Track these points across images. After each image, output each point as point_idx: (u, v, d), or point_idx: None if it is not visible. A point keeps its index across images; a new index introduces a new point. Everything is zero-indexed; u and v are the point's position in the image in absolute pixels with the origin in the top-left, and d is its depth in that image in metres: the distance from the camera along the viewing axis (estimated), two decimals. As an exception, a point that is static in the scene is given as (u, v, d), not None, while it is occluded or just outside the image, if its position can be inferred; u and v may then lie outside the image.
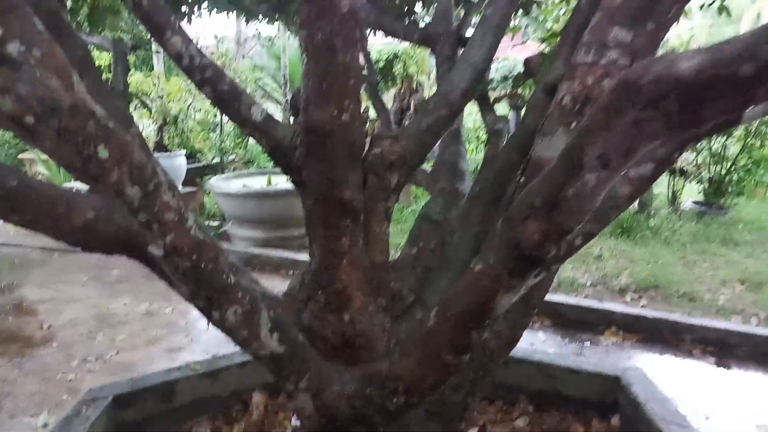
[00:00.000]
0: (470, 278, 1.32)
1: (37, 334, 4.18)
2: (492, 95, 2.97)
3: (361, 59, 1.68)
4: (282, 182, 7.05)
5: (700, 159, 7.39)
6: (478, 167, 2.39)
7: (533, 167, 1.71)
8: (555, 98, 1.75)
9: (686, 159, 7.64)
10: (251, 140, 11.28)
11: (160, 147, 8.67)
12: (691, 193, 7.86)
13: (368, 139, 1.93)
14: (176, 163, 8.34)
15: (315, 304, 1.86)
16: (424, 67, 9.83)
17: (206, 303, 1.36)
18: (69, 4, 3.53)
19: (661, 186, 8.14)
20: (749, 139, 7.01)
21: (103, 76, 1.98)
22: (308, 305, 1.87)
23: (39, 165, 8.60)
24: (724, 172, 7.15)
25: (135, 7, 1.63)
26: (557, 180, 1.10)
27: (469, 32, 3.20)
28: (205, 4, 3.98)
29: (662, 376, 3.45)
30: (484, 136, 7.73)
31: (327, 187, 1.76)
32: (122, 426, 2.69)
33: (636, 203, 7.14)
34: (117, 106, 1.78)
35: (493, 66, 15.78)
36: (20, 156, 9.10)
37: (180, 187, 6.81)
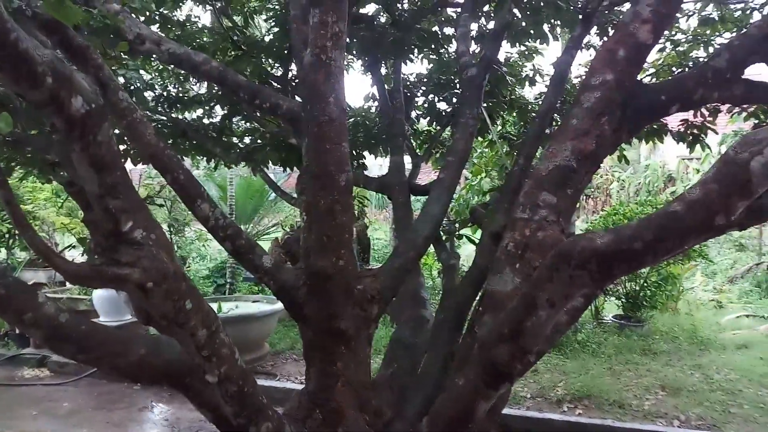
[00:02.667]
0: (454, 391, 1.72)
1: (-8, 475, 4.10)
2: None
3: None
4: (231, 309, 7.25)
5: (615, 276, 8.17)
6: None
7: (487, 298, 2.18)
8: (501, 245, 2.26)
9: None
10: (192, 267, 11.47)
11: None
12: (612, 308, 8.58)
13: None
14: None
15: (312, 422, 2.18)
16: (363, 198, 10.54)
17: (246, 421, 1.68)
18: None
19: (584, 301, 8.84)
20: (655, 258, 7.88)
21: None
22: (306, 423, 2.19)
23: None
24: (638, 288, 7.93)
25: (173, 180, 2.04)
26: (519, 315, 1.55)
27: (418, 181, 3.78)
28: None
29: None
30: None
31: (326, 319, 2.16)
32: None
33: (564, 319, 7.75)
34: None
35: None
36: None
37: (129, 315, 6.88)
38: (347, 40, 3.07)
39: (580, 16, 2.80)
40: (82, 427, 4.93)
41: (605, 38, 3.60)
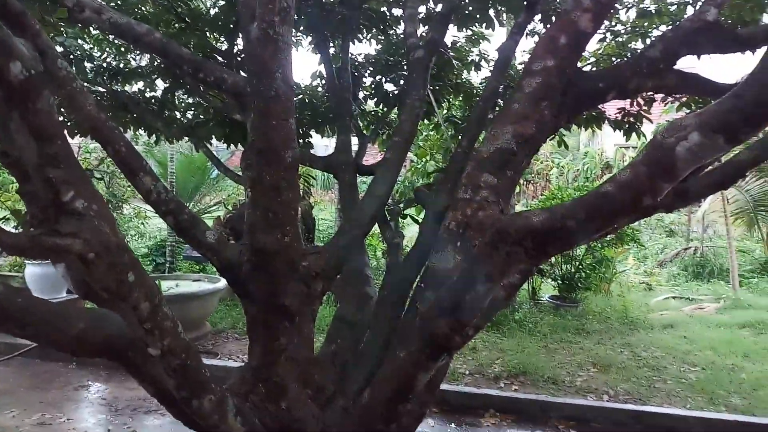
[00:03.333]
0: (395, 364, 1.77)
1: None
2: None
3: (301, 197, 2.15)
4: (171, 287, 7.13)
5: (553, 259, 8.46)
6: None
7: (429, 275, 2.24)
8: (443, 223, 2.32)
9: (542, 258, 8.71)
10: (131, 245, 11.17)
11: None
12: (548, 289, 8.88)
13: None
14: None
15: (255, 396, 2.19)
16: (309, 176, 10.49)
17: (189, 393, 1.69)
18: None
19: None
20: (593, 243, 8.19)
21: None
22: (249, 398, 2.20)
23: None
24: (573, 270, 8.24)
25: (115, 153, 2.00)
26: (458, 290, 1.61)
27: (364, 161, 3.80)
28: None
29: (535, 451, 3.99)
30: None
31: (270, 296, 2.17)
32: None
33: (503, 299, 7.98)
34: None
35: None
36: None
37: (64, 293, 6.68)
38: (295, 16, 3.05)
39: (525, 3, 2.87)
40: (14, 408, 4.78)
41: (548, 25, 3.70)
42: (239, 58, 3.58)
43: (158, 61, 4.02)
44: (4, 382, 5.47)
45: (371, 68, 4.37)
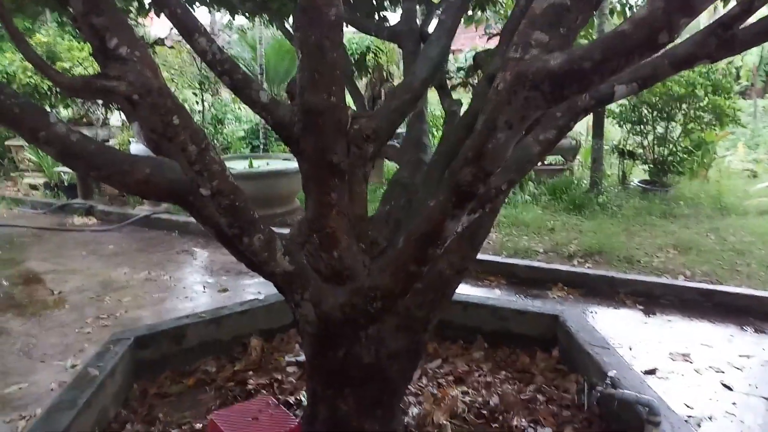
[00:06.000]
0: (426, 211, 1.87)
1: (49, 299, 4.62)
2: (450, 83, 3.52)
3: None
4: (262, 166, 7.53)
5: (646, 142, 8.09)
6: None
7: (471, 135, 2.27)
8: (492, 85, 2.31)
9: (636, 141, 8.35)
10: (227, 129, 11.72)
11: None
12: (640, 174, 8.57)
13: (349, 118, 2.47)
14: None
15: (311, 245, 2.39)
16: (393, 58, 10.38)
17: (239, 231, 1.89)
18: None
19: (614, 167, 8.85)
20: (690, 125, 7.72)
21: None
22: (305, 246, 2.40)
23: (26, 151, 8.93)
24: (667, 153, 7.86)
25: (171, 14, 2.12)
26: (481, 139, 1.66)
27: (430, 29, 3.75)
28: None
29: (599, 321, 4.07)
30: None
31: (319, 153, 2.30)
32: (142, 362, 3.19)
33: (588, 182, 7.82)
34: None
35: (461, 56, 16.32)
36: (6, 143, 9.42)
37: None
38: None
39: None
40: (125, 266, 5.43)
41: None
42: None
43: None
44: (117, 245, 6.17)
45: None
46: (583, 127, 9.98)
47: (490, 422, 2.71)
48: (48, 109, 1.72)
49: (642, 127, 8.03)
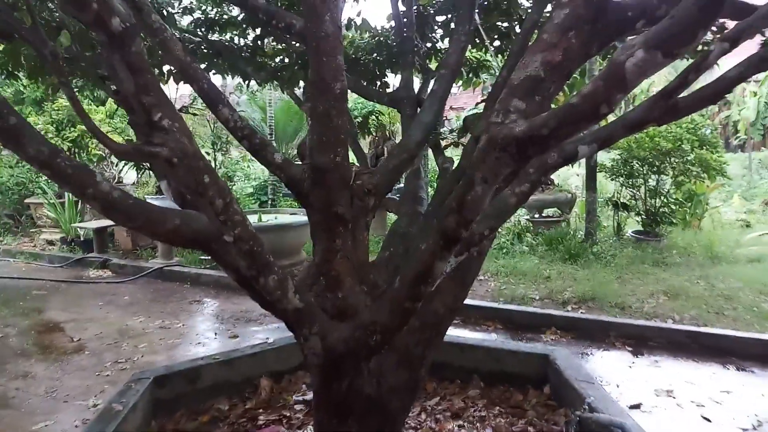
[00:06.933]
0: (419, 254, 2.17)
1: (69, 345, 4.88)
2: (444, 143, 3.87)
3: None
4: (271, 220, 7.87)
5: (639, 194, 8.41)
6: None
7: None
8: (477, 146, 2.65)
9: (629, 194, 8.68)
10: (237, 185, 12.15)
11: (159, 191, 9.52)
12: (634, 225, 8.85)
13: (353, 175, 2.80)
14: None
15: (318, 287, 2.68)
16: (395, 118, 10.87)
17: (256, 272, 2.18)
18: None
19: (610, 219, 9.15)
20: (679, 177, 8.06)
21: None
22: (313, 288, 2.69)
23: (45, 208, 9.34)
24: (659, 204, 8.17)
25: (199, 89, 2.48)
26: (462, 191, 1.97)
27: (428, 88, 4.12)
28: (202, 66, 4.82)
29: (590, 362, 4.30)
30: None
31: (326, 205, 2.62)
32: (159, 401, 3.43)
33: (583, 233, 8.12)
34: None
35: (463, 114, 16.91)
36: (26, 201, 9.85)
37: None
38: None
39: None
40: (140, 315, 5.70)
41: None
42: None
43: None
44: (132, 296, 6.45)
45: (437, 6, 4.61)
46: (579, 180, 10.34)
47: (484, 453, 2.92)
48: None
49: (634, 180, 8.39)
